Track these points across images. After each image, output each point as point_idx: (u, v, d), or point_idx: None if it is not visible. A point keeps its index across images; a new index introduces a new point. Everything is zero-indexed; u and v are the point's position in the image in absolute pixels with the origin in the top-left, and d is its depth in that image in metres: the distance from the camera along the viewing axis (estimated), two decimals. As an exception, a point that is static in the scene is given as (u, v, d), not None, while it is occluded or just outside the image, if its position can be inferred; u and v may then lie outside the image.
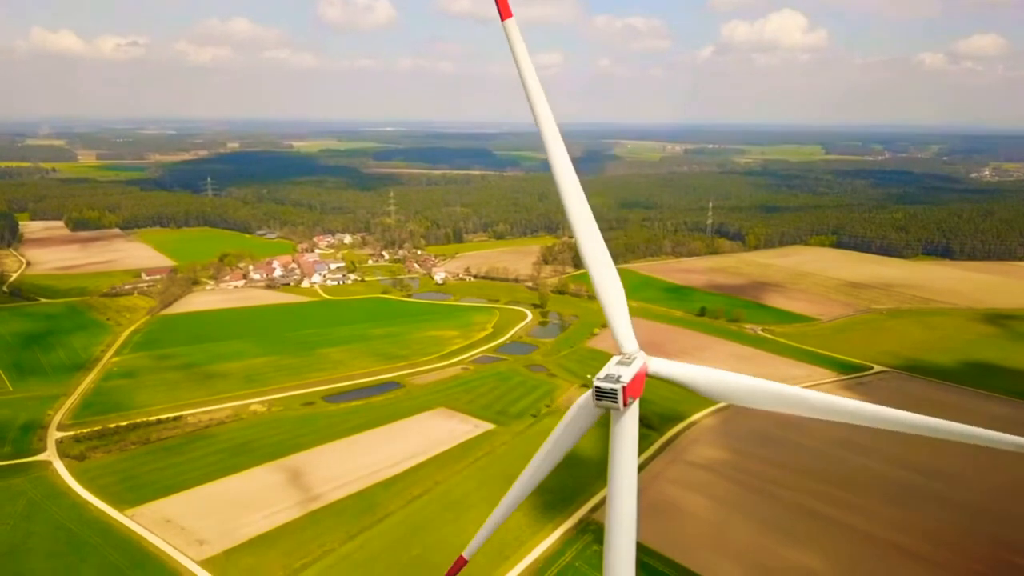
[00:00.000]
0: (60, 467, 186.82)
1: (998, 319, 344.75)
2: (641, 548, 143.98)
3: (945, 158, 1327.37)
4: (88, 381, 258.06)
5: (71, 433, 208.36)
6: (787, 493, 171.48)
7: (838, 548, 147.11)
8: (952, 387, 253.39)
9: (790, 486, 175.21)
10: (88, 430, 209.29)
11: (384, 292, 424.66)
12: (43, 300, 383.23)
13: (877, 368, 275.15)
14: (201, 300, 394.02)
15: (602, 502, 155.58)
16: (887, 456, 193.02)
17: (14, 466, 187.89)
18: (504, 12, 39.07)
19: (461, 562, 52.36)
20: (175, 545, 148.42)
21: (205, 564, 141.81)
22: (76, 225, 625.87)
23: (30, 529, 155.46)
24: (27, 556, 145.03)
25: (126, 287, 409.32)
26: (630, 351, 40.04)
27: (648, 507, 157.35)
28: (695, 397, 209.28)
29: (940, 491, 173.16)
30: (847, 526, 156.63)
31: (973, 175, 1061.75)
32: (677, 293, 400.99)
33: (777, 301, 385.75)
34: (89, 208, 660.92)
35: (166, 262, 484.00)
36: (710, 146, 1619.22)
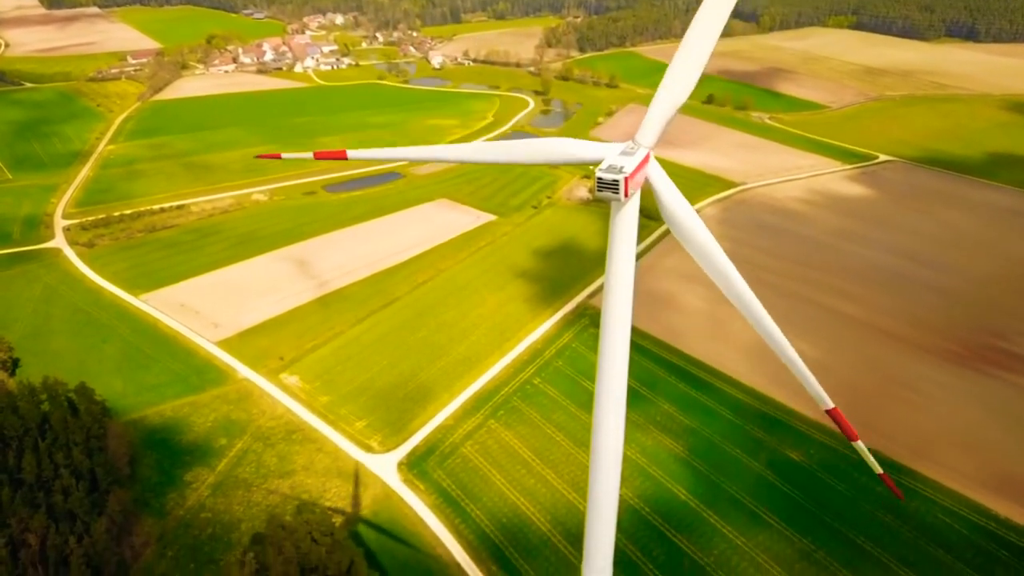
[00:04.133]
0: (71, 254, 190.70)
1: (1018, 106, 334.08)
2: (637, 332, 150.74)
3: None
4: (86, 170, 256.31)
5: (77, 221, 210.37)
6: (783, 281, 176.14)
7: (828, 334, 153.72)
8: (960, 177, 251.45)
9: (786, 274, 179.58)
10: (93, 218, 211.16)
11: (380, 78, 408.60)
12: (29, 85, 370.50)
13: (883, 157, 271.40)
14: (191, 85, 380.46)
15: (599, 289, 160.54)
16: (885, 245, 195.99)
17: (26, 253, 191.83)
18: None
19: (341, 154, 49.24)
20: (191, 327, 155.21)
21: (221, 345, 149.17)
22: (51, 3, 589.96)
23: (50, 312, 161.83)
24: (51, 337, 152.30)
25: (113, 71, 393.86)
26: (626, 145, 38.18)
27: (645, 295, 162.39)
28: (697, 187, 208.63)
29: (932, 279, 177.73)
30: (838, 312, 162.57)
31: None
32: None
33: (787, 88, 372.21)
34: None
35: (151, 44, 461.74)
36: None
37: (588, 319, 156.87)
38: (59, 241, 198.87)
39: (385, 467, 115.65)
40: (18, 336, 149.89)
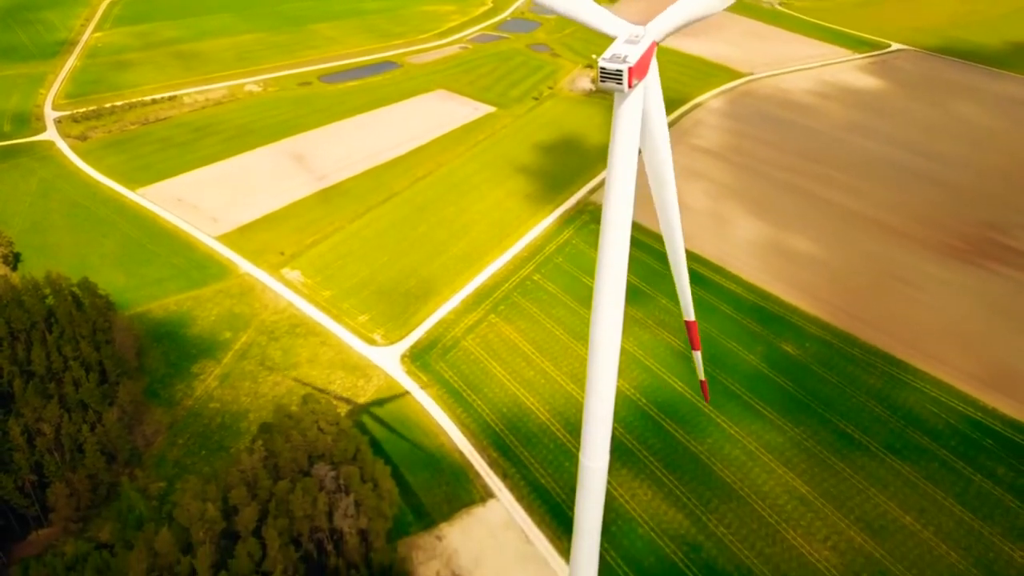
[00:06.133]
0: (64, 147, 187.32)
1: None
2: (638, 228, 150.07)
3: None
4: (73, 59, 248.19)
5: (67, 113, 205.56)
6: (787, 176, 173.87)
7: (830, 228, 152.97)
8: (976, 67, 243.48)
9: (791, 169, 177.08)
10: (84, 110, 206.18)
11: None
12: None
13: (896, 46, 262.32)
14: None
15: (601, 184, 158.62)
16: (893, 139, 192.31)
17: (18, 146, 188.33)
18: None
19: (694, 327, 52.71)
20: (190, 222, 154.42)
21: (221, 239, 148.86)
22: None
23: (48, 207, 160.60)
24: (51, 231, 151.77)
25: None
26: (633, 31, 36.53)
27: (647, 190, 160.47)
28: (701, 77, 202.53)
29: (937, 173, 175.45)
30: (841, 207, 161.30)
31: None
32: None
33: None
34: None
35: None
36: None
37: (589, 215, 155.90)
38: (51, 134, 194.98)
39: (388, 360, 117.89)
40: (17, 231, 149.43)
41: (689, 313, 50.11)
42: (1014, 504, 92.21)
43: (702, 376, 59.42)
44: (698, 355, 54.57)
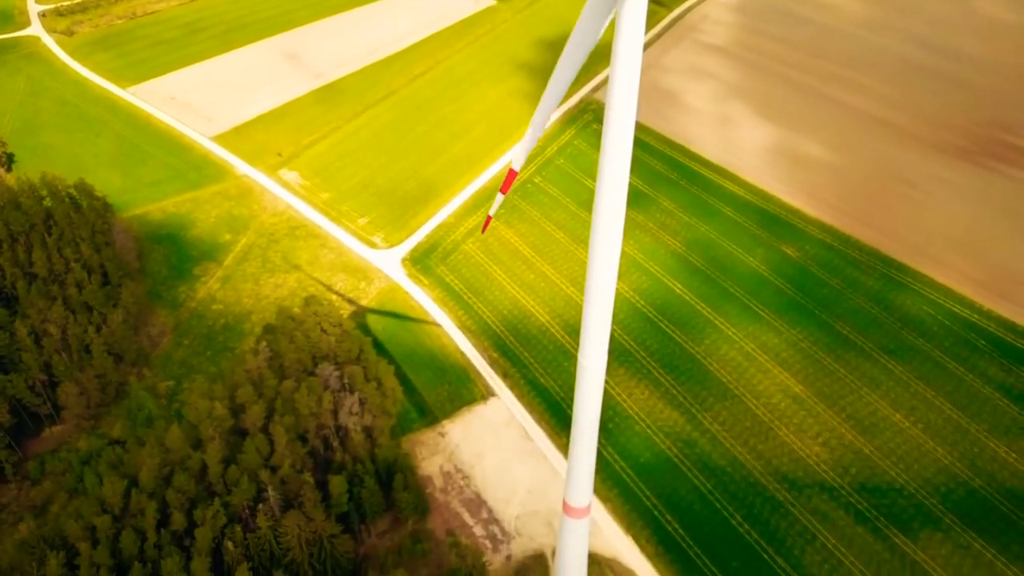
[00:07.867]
0: (50, 43, 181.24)
1: None
2: (641, 129, 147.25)
3: None
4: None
5: (52, 6, 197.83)
6: (798, 75, 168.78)
7: (837, 129, 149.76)
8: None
9: (802, 67, 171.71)
10: (69, 3, 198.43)
11: None
12: None
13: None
14: None
15: (604, 82, 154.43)
16: (909, 35, 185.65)
17: (3, 42, 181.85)
18: None
19: (513, 174, 51.26)
20: (184, 122, 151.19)
21: (217, 140, 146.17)
22: None
23: (38, 105, 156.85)
24: (43, 131, 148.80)
25: None
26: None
27: (651, 90, 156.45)
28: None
29: (953, 72, 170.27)
30: (848, 107, 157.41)
31: None
32: None
33: None
34: None
35: None
36: None
37: (592, 114, 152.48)
38: (36, 29, 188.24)
39: (389, 262, 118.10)
40: (9, 131, 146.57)
41: None
42: (1002, 402, 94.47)
43: None
44: None
